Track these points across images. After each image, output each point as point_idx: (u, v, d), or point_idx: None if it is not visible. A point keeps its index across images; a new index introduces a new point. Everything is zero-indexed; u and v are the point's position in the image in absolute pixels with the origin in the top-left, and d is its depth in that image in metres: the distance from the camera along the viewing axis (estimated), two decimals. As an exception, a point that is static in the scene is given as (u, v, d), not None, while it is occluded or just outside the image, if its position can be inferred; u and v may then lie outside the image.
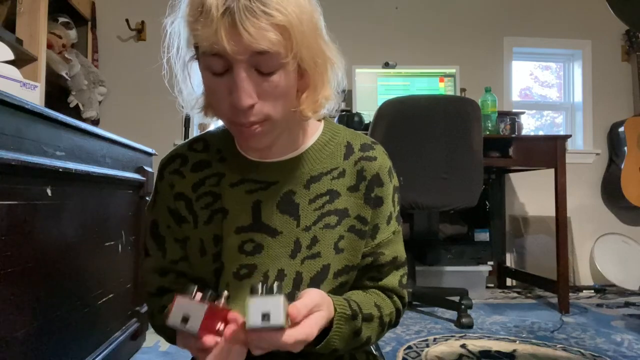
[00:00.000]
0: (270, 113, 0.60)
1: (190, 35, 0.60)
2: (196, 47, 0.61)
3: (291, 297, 0.67)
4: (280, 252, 0.69)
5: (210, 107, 0.68)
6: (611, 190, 3.07)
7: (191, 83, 0.67)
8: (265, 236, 0.69)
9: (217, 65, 0.58)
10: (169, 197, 0.73)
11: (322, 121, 0.76)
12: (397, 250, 0.75)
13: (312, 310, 0.58)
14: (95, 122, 2.67)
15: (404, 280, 0.77)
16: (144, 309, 1.65)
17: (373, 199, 0.72)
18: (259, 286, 0.53)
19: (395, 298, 0.76)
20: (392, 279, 0.75)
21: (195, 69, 0.65)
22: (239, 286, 0.69)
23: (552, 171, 2.27)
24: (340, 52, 0.67)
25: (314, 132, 0.74)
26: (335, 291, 0.70)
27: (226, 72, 0.58)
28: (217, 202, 0.71)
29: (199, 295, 0.55)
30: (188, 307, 0.53)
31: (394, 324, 0.77)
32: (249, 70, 0.57)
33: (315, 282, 0.69)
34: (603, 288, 2.86)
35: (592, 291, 2.82)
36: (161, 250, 0.74)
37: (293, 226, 0.69)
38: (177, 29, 0.63)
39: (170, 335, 0.71)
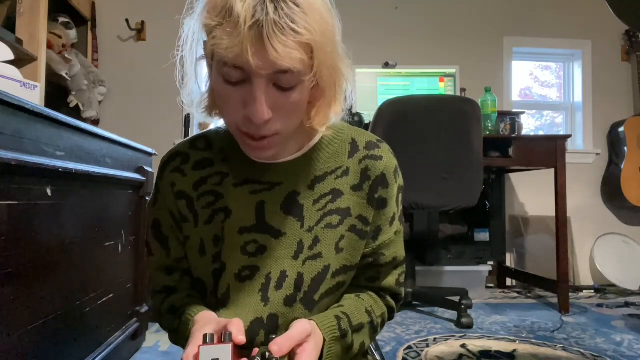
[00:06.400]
0: (282, 128, 0.60)
1: (206, 36, 0.58)
2: (208, 50, 0.59)
3: (293, 299, 0.67)
4: (283, 253, 0.68)
5: (215, 107, 0.67)
6: (611, 190, 3.07)
7: (197, 81, 0.66)
8: (269, 237, 0.68)
9: (234, 75, 0.56)
10: (170, 197, 0.72)
11: None
12: (397, 251, 0.75)
13: (301, 342, 0.58)
14: (95, 122, 2.67)
15: (402, 279, 0.77)
16: (144, 309, 1.65)
17: (377, 200, 0.71)
18: (259, 358, 0.56)
19: (389, 298, 0.76)
20: (390, 279, 0.75)
21: (201, 66, 0.64)
22: (241, 288, 0.68)
23: (552, 171, 2.27)
24: (351, 65, 0.65)
25: (317, 130, 0.72)
26: (332, 291, 0.70)
27: (242, 81, 0.57)
28: (219, 202, 0.70)
29: (216, 338, 0.56)
30: (214, 351, 0.54)
31: (386, 321, 0.77)
32: (267, 85, 0.56)
33: (316, 283, 0.68)
34: (603, 288, 2.86)
35: (592, 291, 2.82)
36: (165, 249, 0.74)
37: (297, 227, 0.68)
38: (191, 28, 0.62)
39: (177, 338, 0.71)
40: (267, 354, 0.55)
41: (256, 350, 0.60)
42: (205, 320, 0.63)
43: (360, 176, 0.71)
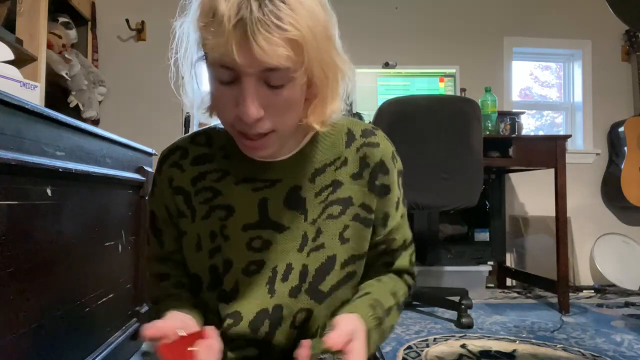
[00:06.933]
0: (276, 126, 0.60)
1: (200, 38, 0.59)
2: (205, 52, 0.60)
3: (297, 290, 0.69)
4: (288, 246, 0.69)
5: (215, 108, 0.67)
6: (611, 190, 3.07)
7: (197, 83, 0.66)
8: (273, 232, 0.70)
9: (225, 75, 0.57)
10: (167, 192, 0.73)
11: None
12: (406, 232, 0.78)
13: (350, 338, 0.60)
14: (95, 122, 2.67)
15: (413, 258, 0.79)
16: (144, 309, 1.65)
17: (378, 187, 0.72)
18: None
19: (406, 276, 0.79)
20: (404, 260, 0.78)
21: (202, 68, 0.65)
22: (248, 282, 0.69)
23: (552, 171, 2.27)
24: (350, 62, 0.65)
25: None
26: (343, 282, 0.71)
27: (234, 81, 0.57)
28: (218, 198, 0.71)
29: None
30: None
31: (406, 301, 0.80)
32: (257, 83, 0.56)
33: (321, 274, 0.69)
34: (603, 288, 2.86)
35: (592, 291, 2.82)
36: (159, 242, 0.76)
37: (301, 221, 0.70)
38: (185, 30, 0.62)
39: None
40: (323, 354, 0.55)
41: (305, 352, 0.57)
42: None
43: (359, 164, 0.72)
